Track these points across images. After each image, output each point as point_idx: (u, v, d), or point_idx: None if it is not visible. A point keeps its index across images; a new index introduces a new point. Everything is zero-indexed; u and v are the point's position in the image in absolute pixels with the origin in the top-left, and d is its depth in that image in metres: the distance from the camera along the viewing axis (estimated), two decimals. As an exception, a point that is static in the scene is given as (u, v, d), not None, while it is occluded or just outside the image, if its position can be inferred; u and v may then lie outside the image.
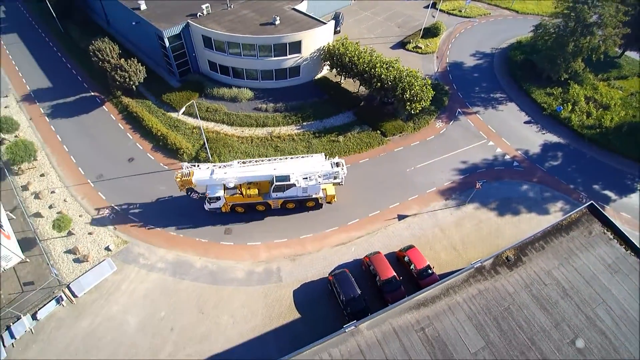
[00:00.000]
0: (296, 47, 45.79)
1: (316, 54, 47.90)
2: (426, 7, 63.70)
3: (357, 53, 44.72)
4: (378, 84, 42.64)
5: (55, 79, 51.33)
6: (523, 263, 25.26)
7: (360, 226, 35.24)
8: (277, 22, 46.38)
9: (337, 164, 33.52)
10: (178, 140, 41.17)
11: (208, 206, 34.57)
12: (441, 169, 39.89)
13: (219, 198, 33.42)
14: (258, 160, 34.34)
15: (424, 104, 41.95)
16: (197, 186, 33.33)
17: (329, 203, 36.34)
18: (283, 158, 34.34)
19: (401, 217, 35.80)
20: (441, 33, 59.14)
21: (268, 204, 35.06)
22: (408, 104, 41.22)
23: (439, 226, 35.16)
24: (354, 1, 67.18)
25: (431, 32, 58.18)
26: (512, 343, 21.95)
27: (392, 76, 41.50)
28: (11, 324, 28.84)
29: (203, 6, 47.42)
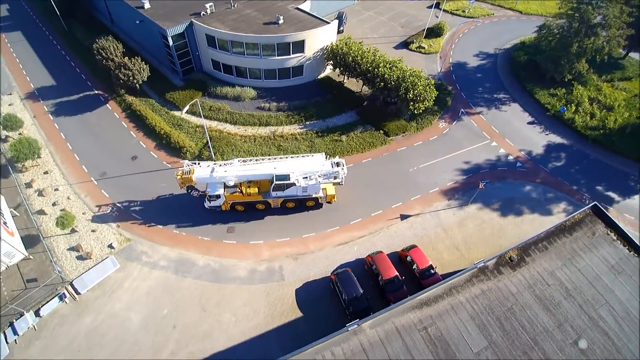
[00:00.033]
0: (299, 47, 45.80)
1: (319, 54, 47.91)
2: (430, 7, 63.59)
3: (361, 53, 44.70)
4: (381, 84, 42.61)
5: (59, 77, 51.46)
6: (526, 263, 25.21)
7: (362, 226, 35.23)
8: (281, 22, 46.40)
9: (338, 164, 33.53)
10: (181, 138, 41.24)
11: (208, 204, 34.60)
12: (444, 169, 39.82)
13: (219, 196, 33.47)
14: (258, 159, 34.36)
15: (427, 104, 41.89)
16: (198, 184, 33.43)
17: (329, 203, 36.30)
18: (283, 157, 34.36)
19: (404, 217, 35.77)
20: (444, 33, 58.99)
21: (268, 203, 35.07)
22: (411, 104, 41.16)
23: (442, 226, 35.12)
24: (358, 1, 67.12)
25: (434, 32, 58.08)
26: (515, 343, 21.92)
27: (396, 76, 41.46)
28: (14, 321, 28.92)
29: (207, 5, 47.50)
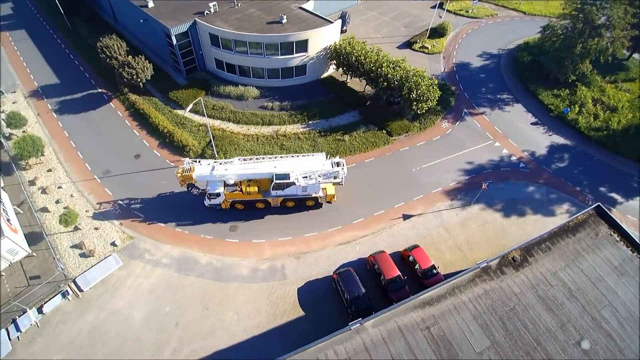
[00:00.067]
0: (303, 46, 45.82)
1: (322, 53, 47.92)
2: (433, 7, 63.62)
3: (364, 52, 44.67)
4: (384, 84, 42.60)
5: (62, 76, 51.62)
6: (529, 264, 25.15)
7: (364, 225, 35.22)
8: (284, 21, 46.43)
9: (338, 164, 33.48)
10: (184, 137, 41.31)
11: (208, 202, 34.66)
12: (447, 169, 39.77)
13: (219, 194, 33.53)
14: (259, 157, 34.38)
15: (431, 104, 41.85)
16: (198, 182, 33.53)
17: (329, 203, 36.25)
18: (284, 156, 34.37)
19: (406, 217, 35.75)
20: (448, 33, 58.93)
21: (268, 202, 35.06)
22: (414, 104, 41.13)
23: (444, 226, 35.08)
24: (361, 1, 67.10)
25: (438, 33, 58.02)
26: (518, 343, 21.88)
27: (399, 76, 41.42)
28: (17, 318, 29.00)
29: (210, 4, 47.60)
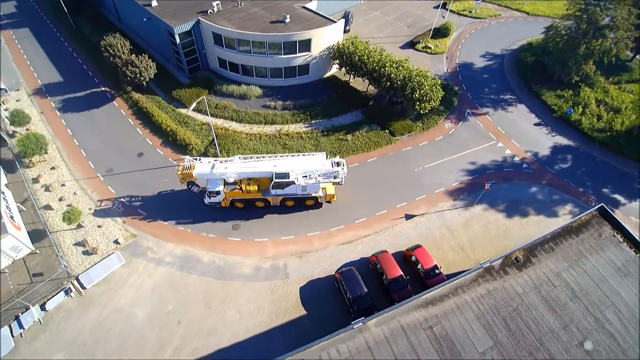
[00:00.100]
0: (306, 45, 45.83)
1: (325, 53, 47.92)
2: (436, 8, 63.56)
3: (367, 52, 44.63)
4: (387, 83, 42.56)
5: (66, 74, 51.76)
6: (532, 264, 25.11)
7: (367, 225, 35.21)
8: (287, 20, 46.45)
9: (338, 164, 33.45)
10: (187, 136, 41.37)
11: (208, 200, 34.74)
12: (450, 170, 39.73)
13: (219, 192, 33.61)
14: (259, 156, 34.42)
15: (434, 104, 41.79)
16: (198, 180, 33.59)
17: (329, 202, 36.18)
18: (284, 155, 34.37)
19: (409, 217, 35.72)
20: (451, 33, 58.86)
21: (267, 201, 35.03)
22: (417, 104, 41.09)
23: (447, 226, 35.04)
24: (364, 1, 67.12)
25: (441, 33, 57.98)
26: (521, 343, 21.85)
27: (402, 75, 41.38)
28: (20, 314, 29.06)
29: (214, 3, 47.67)
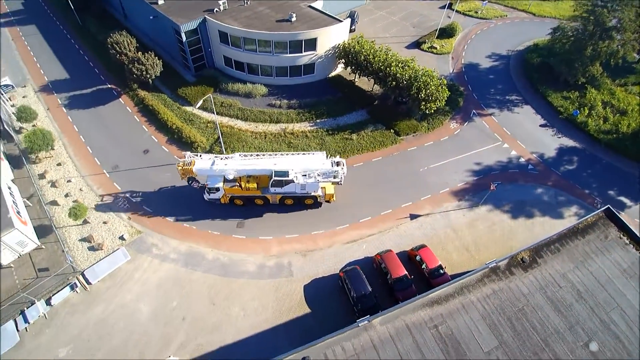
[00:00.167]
0: (311, 45, 45.85)
1: (331, 52, 47.93)
2: (442, 8, 63.49)
3: (373, 52, 44.63)
4: (393, 83, 42.53)
5: (72, 71, 52.01)
6: (538, 265, 25.03)
7: (371, 224, 35.17)
8: (294, 19, 46.50)
9: (338, 163, 33.43)
10: (193, 133, 41.47)
11: (207, 196, 34.87)
12: (455, 170, 39.64)
13: (218, 189, 33.73)
14: (259, 154, 34.47)
15: (439, 104, 41.72)
16: (198, 176, 33.71)
17: (328, 202, 36.13)
18: (284, 153, 34.41)
19: (413, 217, 35.67)
20: (457, 34, 58.81)
21: (266, 199, 35.03)
22: (423, 104, 41.02)
23: (452, 227, 34.96)
24: (370, 0, 67.10)
25: (447, 33, 57.91)
26: (526, 344, 21.78)
27: (408, 75, 41.33)
28: (25, 309, 29.21)
29: (220, 2, 47.78)
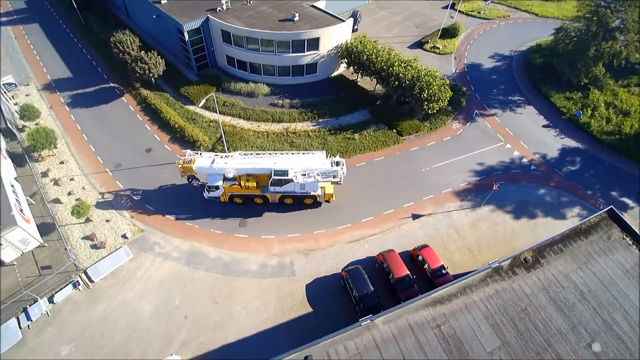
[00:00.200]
0: (314, 44, 45.86)
1: (334, 52, 47.94)
2: (445, 8, 63.43)
3: (375, 51, 44.61)
4: (395, 83, 42.51)
5: (75, 70, 52.10)
6: (541, 265, 24.99)
7: (374, 224, 35.17)
8: (296, 19, 46.52)
9: (337, 163, 33.42)
10: (195, 132, 41.53)
11: (207, 194, 34.95)
12: (457, 170, 39.60)
13: (218, 187, 33.81)
14: (259, 153, 34.51)
15: (442, 104, 41.69)
16: (198, 174, 33.83)
17: (327, 202, 36.12)
18: (284, 152, 34.45)
19: (416, 217, 35.65)
20: (459, 34, 58.74)
21: (266, 198, 35.06)
22: (425, 104, 41.00)
23: (454, 227, 34.93)
24: (372, 0, 67.08)
25: (449, 33, 57.86)
26: (529, 344, 21.74)
27: (410, 75, 41.32)
28: (28, 307, 29.28)
29: (222, 1, 47.82)
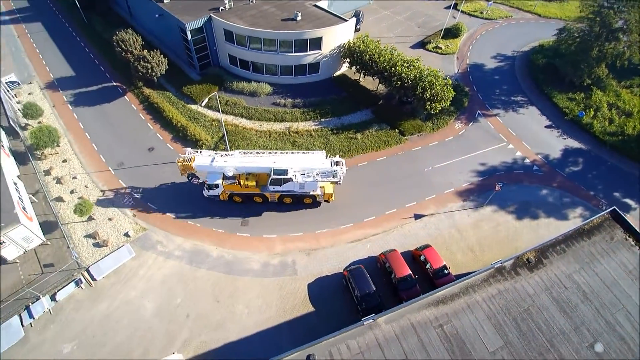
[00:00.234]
0: (317, 44, 45.84)
1: (336, 51, 47.91)
2: (447, 8, 63.39)
3: (378, 51, 44.57)
4: (398, 83, 42.46)
5: (78, 68, 52.16)
6: (544, 265, 24.97)
7: (376, 224, 35.16)
8: (299, 18, 46.49)
9: (337, 163, 33.41)
10: (197, 131, 41.56)
11: (206, 192, 35.01)
12: (459, 170, 39.57)
13: (217, 186, 33.86)
14: (259, 151, 34.55)
15: (444, 104, 41.62)
16: (198, 172, 33.89)
17: (327, 202, 36.10)
18: (284, 152, 34.48)
19: (418, 217, 35.63)
20: (462, 34, 58.65)
21: (265, 196, 35.07)
22: (428, 104, 40.94)
23: (456, 227, 34.90)
24: (374, 0, 67.07)
25: (452, 33, 57.77)
26: (531, 344, 21.73)
27: (413, 75, 41.27)
28: (30, 304, 29.34)
29: (225, 0, 47.78)
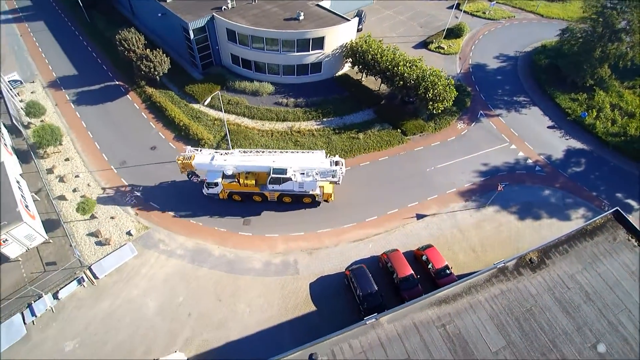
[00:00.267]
0: (319, 43, 45.85)
1: (338, 51, 47.92)
2: (449, 8, 63.36)
3: (380, 51, 44.57)
4: (400, 83, 42.45)
5: (80, 67, 52.24)
6: (546, 266, 24.94)
7: (378, 223, 35.14)
8: (301, 18, 46.53)
9: (337, 163, 33.43)
10: (200, 130, 41.59)
11: (206, 191, 35.07)
12: (462, 170, 39.53)
13: (217, 184, 33.94)
14: (259, 150, 34.63)
15: (446, 104, 41.59)
16: (197, 170, 33.99)
17: (326, 201, 36.11)
18: (283, 151, 34.54)
19: (420, 217, 35.61)
20: (464, 34, 58.62)
21: (264, 195, 35.12)
22: (430, 104, 40.92)
23: (458, 227, 34.88)
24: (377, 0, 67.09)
25: (454, 33, 57.74)
26: (534, 344, 21.71)
27: (415, 75, 41.25)
28: (32, 302, 29.39)
29: (228, 0, 47.84)
